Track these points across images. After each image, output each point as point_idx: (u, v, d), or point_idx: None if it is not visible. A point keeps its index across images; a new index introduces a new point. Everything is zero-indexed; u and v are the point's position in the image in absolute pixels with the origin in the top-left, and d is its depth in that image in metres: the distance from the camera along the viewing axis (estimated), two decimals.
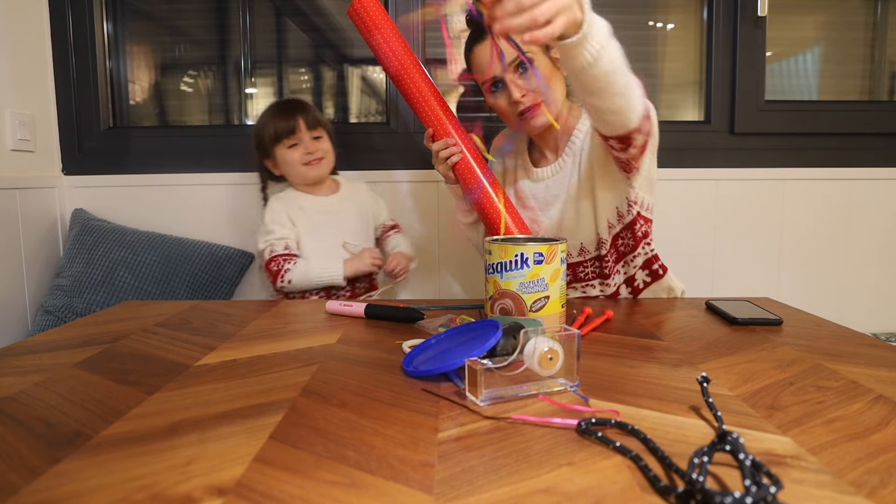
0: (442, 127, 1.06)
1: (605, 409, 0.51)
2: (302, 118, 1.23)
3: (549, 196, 1.07)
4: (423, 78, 1.07)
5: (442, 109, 1.06)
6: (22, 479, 0.40)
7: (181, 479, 0.39)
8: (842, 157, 1.54)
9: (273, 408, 0.52)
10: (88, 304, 1.32)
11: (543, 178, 1.09)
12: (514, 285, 0.71)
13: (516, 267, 0.71)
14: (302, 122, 1.22)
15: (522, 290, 0.71)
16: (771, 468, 0.40)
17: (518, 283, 0.71)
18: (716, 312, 0.89)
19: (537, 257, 0.71)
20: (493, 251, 0.73)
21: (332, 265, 1.22)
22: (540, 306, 0.72)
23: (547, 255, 0.71)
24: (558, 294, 0.74)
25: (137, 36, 1.60)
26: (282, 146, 1.24)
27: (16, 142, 1.38)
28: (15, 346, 0.73)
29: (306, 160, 1.23)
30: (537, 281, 0.71)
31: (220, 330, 0.81)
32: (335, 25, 1.59)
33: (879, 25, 1.57)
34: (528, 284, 0.71)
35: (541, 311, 0.72)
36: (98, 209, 1.53)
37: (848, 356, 0.67)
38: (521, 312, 0.72)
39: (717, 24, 1.51)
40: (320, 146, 1.25)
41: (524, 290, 0.71)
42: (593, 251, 1.06)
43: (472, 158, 1.05)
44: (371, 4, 1.06)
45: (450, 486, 0.38)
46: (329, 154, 1.27)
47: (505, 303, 0.72)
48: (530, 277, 0.71)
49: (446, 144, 1.04)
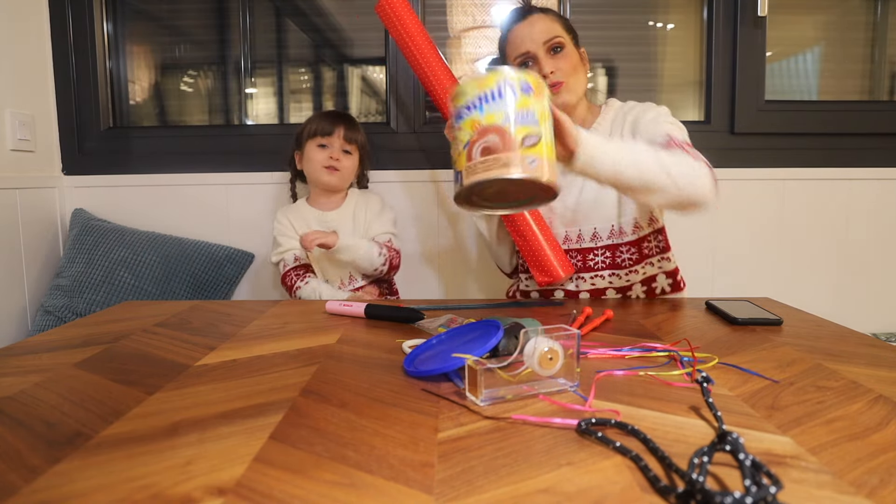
0: None
1: (605, 409, 0.51)
2: (343, 127, 1.28)
3: (565, 181, 1.07)
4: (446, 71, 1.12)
5: None
6: (22, 479, 0.40)
7: (181, 479, 0.39)
8: (842, 157, 1.54)
9: (273, 408, 0.52)
10: (88, 304, 1.32)
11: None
12: (500, 117, 0.57)
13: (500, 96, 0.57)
14: (341, 130, 1.28)
15: (509, 122, 0.57)
16: (771, 468, 0.40)
17: (503, 114, 0.57)
18: (716, 312, 0.89)
19: (524, 85, 0.58)
20: (466, 90, 0.59)
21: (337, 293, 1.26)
22: (533, 143, 0.58)
23: (535, 88, 0.59)
24: (549, 140, 0.60)
25: (137, 36, 1.60)
26: (313, 142, 1.28)
27: (16, 142, 1.38)
28: (15, 346, 0.73)
29: (327, 163, 1.27)
30: (527, 113, 0.58)
31: (220, 330, 0.81)
32: (335, 25, 1.59)
33: (879, 25, 1.57)
34: (518, 115, 0.57)
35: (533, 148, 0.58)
36: (98, 209, 1.53)
37: (848, 356, 0.67)
38: (508, 147, 0.57)
39: (717, 24, 1.51)
40: (345, 159, 1.29)
41: (512, 121, 0.57)
42: (605, 239, 1.06)
43: None
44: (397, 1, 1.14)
45: (450, 486, 0.38)
46: (349, 171, 1.31)
47: (489, 140, 0.57)
48: (520, 107, 0.58)
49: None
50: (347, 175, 1.30)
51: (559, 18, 1.05)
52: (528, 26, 1.03)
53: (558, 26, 1.03)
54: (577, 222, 1.07)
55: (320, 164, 1.27)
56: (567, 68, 1.02)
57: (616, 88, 1.57)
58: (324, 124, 1.27)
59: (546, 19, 1.03)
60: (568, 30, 1.05)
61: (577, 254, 1.08)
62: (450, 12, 1.54)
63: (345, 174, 1.29)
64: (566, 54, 1.03)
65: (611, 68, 1.57)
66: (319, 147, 1.28)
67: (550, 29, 1.02)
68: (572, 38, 1.05)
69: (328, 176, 1.28)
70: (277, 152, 1.52)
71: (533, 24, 1.03)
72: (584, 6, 1.53)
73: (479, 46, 1.56)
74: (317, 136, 1.27)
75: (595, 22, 1.54)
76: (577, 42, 1.07)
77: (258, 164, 1.52)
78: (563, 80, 1.03)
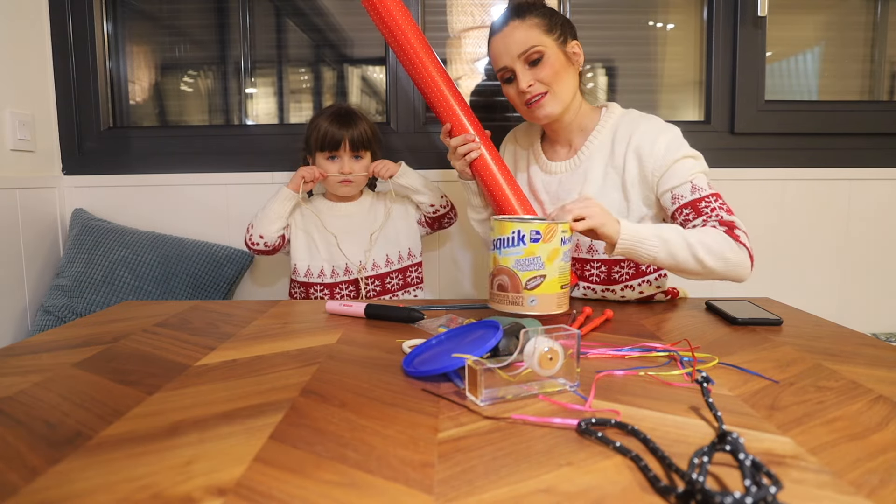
0: (459, 123, 1.06)
1: (605, 409, 0.51)
2: (348, 138, 1.24)
3: (563, 191, 1.06)
4: (441, 74, 1.07)
5: (459, 106, 1.07)
6: (22, 479, 0.40)
7: (181, 479, 0.39)
8: (842, 157, 1.53)
9: (273, 408, 0.52)
10: (88, 304, 1.32)
11: (557, 171, 1.07)
12: (511, 262, 0.73)
13: (513, 244, 0.72)
14: (346, 142, 1.25)
15: (518, 266, 0.72)
16: (771, 468, 0.40)
17: (514, 259, 0.73)
18: (716, 312, 0.89)
19: (534, 235, 0.72)
20: (495, 227, 0.76)
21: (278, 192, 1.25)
22: (535, 284, 0.73)
23: (544, 234, 0.72)
24: (557, 274, 0.74)
25: (137, 36, 1.60)
26: (323, 154, 1.27)
27: (16, 142, 1.38)
28: (15, 346, 0.73)
29: (339, 179, 1.26)
30: (533, 259, 0.72)
31: (220, 330, 0.81)
32: (335, 25, 1.59)
33: (879, 25, 1.57)
34: (524, 262, 0.72)
35: (536, 289, 0.73)
36: (98, 209, 1.53)
37: (848, 356, 0.67)
38: (515, 289, 0.73)
39: (717, 24, 1.50)
40: (357, 165, 1.27)
41: (519, 267, 0.72)
42: (601, 252, 1.02)
43: (488, 155, 1.06)
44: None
45: (450, 486, 0.38)
46: (361, 177, 1.29)
47: (502, 279, 0.74)
48: (526, 255, 0.72)
49: (465, 140, 1.05)
50: (362, 179, 1.29)
51: (540, 18, 0.99)
52: (502, 39, 1.00)
53: (536, 32, 0.98)
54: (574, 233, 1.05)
55: (333, 180, 1.26)
56: (548, 76, 0.98)
57: (616, 88, 1.57)
58: (330, 133, 1.24)
59: (522, 27, 0.98)
60: (549, 29, 0.98)
61: (575, 263, 1.04)
62: (450, 12, 1.54)
63: (359, 180, 1.29)
64: (546, 61, 0.98)
65: (611, 68, 1.57)
66: (329, 159, 1.26)
67: (526, 39, 0.97)
68: (557, 36, 0.99)
69: (344, 188, 1.28)
70: (277, 152, 1.52)
71: (507, 37, 0.99)
72: (584, 6, 1.53)
73: (478, 46, 1.56)
74: (324, 149, 1.25)
75: (595, 22, 1.54)
76: (567, 37, 1.01)
77: (258, 164, 1.52)
78: (544, 91, 0.99)
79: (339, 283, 1.27)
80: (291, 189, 1.24)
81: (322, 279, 1.26)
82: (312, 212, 1.30)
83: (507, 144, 1.21)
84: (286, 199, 1.24)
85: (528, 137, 1.16)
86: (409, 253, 1.33)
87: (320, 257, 1.27)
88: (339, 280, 1.27)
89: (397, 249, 1.32)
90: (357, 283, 1.27)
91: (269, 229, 1.23)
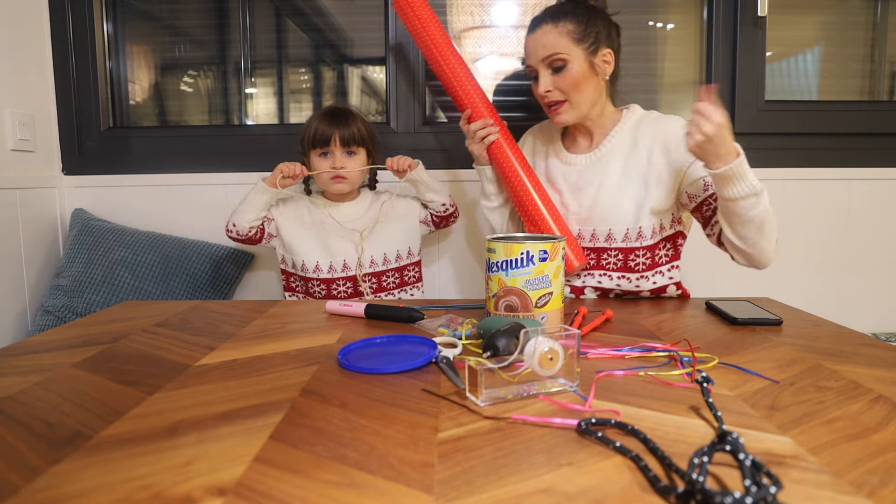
0: (479, 109, 1.12)
1: (605, 409, 0.51)
2: (338, 134, 1.25)
3: (582, 181, 1.08)
4: (461, 63, 1.13)
5: (477, 94, 1.13)
6: (22, 479, 0.40)
7: (181, 479, 0.39)
8: (842, 157, 1.53)
9: (273, 408, 0.52)
10: (88, 304, 1.32)
11: (576, 163, 1.10)
12: (520, 282, 0.72)
13: (522, 265, 0.72)
14: (337, 138, 1.25)
15: (528, 287, 0.72)
16: (771, 468, 0.40)
17: (524, 280, 0.72)
18: (716, 312, 0.89)
19: (542, 255, 0.72)
20: (496, 249, 0.74)
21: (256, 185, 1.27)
22: (544, 302, 0.73)
23: (551, 253, 0.72)
24: (560, 290, 0.75)
25: (137, 36, 1.60)
26: (315, 152, 1.28)
27: (16, 142, 1.38)
28: (15, 346, 0.73)
29: (332, 175, 1.26)
30: (542, 278, 0.73)
31: (220, 330, 0.81)
32: (335, 25, 1.59)
33: (879, 25, 1.57)
34: (534, 281, 0.72)
35: (545, 307, 0.73)
36: (98, 209, 1.53)
37: (848, 356, 0.67)
38: (526, 308, 0.73)
39: (717, 24, 1.50)
40: (350, 162, 1.27)
41: (530, 286, 0.72)
42: (620, 241, 1.04)
43: (504, 142, 1.11)
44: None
45: (450, 486, 0.38)
46: (357, 172, 1.29)
47: (511, 300, 0.74)
48: (536, 274, 0.72)
49: (485, 124, 1.10)
50: (356, 177, 1.29)
51: (574, 25, 1.00)
52: (533, 40, 1.04)
53: (565, 40, 1.00)
54: (592, 222, 1.06)
55: (326, 176, 1.26)
56: (568, 86, 1.01)
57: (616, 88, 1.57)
58: (320, 130, 1.25)
59: (553, 32, 1.00)
60: (581, 38, 1.00)
61: (591, 252, 1.07)
62: (450, 12, 1.54)
63: (353, 177, 1.28)
64: (568, 71, 1.01)
65: None
66: (321, 157, 1.27)
67: (553, 45, 1.00)
68: (588, 45, 1.01)
69: (336, 185, 1.28)
70: (277, 152, 1.52)
71: (537, 39, 1.03)
72: None
73: (479, 46, 1.56)
74: (316, 146, 1.26)
75: None
76: (600, 45, 1.02)
77: (258, 164, 1.52)
78: (561, 100, 1.03)
79: (336, 278, 1.27)
80: (268, 184, 1.24)
81: (318, 274, 1.27)
82: (312, 208, 1.30)
83: (528, 137, 1.24)
84: (260, 193, 1.25)
85: (549, 134, 1.19)
86: (408, 252, 1.34)
87: (318, 253, 1.27)
88: (337, 276, 1.27)
89: (395, 248, 1.32)
90: (355, 280, 1.28)
91: (240, 219, 1.25)
